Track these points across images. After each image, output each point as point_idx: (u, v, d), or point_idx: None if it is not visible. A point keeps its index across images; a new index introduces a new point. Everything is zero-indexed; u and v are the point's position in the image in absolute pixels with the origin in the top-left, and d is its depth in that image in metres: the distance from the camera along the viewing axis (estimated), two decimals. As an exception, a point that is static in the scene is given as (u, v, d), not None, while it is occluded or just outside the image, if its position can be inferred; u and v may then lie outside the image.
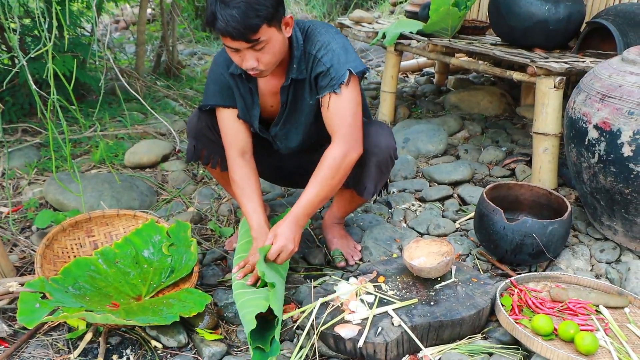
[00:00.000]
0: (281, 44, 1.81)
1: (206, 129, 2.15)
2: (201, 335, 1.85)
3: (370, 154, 2.03)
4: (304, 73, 1.94)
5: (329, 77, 1.87)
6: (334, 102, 1.88)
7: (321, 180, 1.89)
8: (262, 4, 1.67)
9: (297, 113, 2.06)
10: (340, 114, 1.88)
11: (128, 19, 7.86)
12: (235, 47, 1.74)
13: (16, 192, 2.87)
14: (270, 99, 2.05)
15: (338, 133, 1.89)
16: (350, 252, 2.29)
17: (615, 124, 2.03)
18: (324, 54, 1.89)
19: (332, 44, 1.90)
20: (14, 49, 2.27)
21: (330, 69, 1.87)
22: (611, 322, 1.81)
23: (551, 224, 2.08)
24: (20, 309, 1.70)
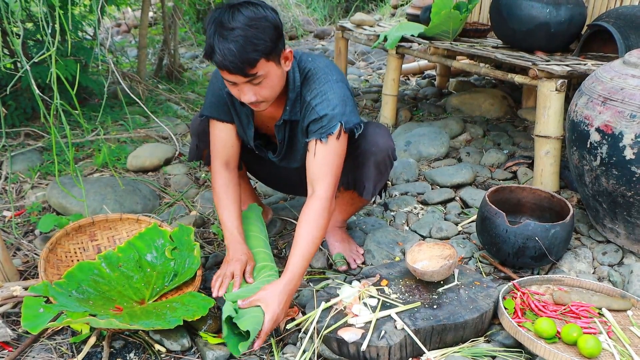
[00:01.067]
0: (280, 78, 1.80)
1: (208, 128, 2.16)
2: (204, 339, 1.86)
3: (369, 154, 2.04)
4: (297, 115, 1.94)
5: (320, 124, 1.86)
6: (320, 150, 1.87)
7: (305, 237, 1.84)
8: (260, 38, 1.65)
9: (294, 150, 2.08)
10: (324, 164, 1.87)
11: (130, 22, 7.88)
12: (233, 81, 1.73)
13: (19, 196, 2.88)
14: (267, 120, 2.06)
15: (319, 186, 1.87)
16: (352, 255, 2.30)
17: (617, 127, 2.04)
18: (318, 103, 1.87)
19: (329, 93, 1.88)
20: (17, 54, 2.28)
21: (323, 117, 1.86)
22: (614, 324, 1.81)
23: (553, 227, 2.08)
24: (24, 314, 1.70)
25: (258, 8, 1.67)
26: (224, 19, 1.64)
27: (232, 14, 1.65)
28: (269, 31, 1.67)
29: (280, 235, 2.55)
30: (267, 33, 1.67)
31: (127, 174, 3.16)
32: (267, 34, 1.67)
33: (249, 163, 2.40)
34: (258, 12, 1.67)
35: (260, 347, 1.85)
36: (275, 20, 1.70)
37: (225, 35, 1.63)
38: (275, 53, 1.72)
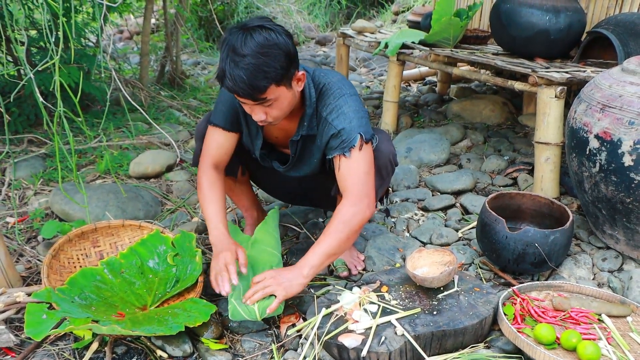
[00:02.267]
0: (291, 100, 1.83)
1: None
2: (206, 344, 1.87)
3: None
4: (314, 129, 1.97)
5: (340, 139, 1.89)
6: (345, 164, 1.89)
7: (329, 235, 1.88)
8: (271, 66, 1.67)
9: (304, 164, 2.11)
10: (350, 175, 1.89)
11: (132, 29, 7.93)
12: (245, 102, 1.77)
13: (22, 202, 2.89)
14: (277, 132, 2.09)
15: (348, 191, 1.90)
16: (353, 261, 2.31)
17: (615, 133, 2.05)
18: (334, 118, 1.90)
19: (344, 107, 1.91)
20: (21, 62, 2.30)
21: (341, 131, 1.88)
22: (613, 331, 1.82)
23: (553, 233, 2.09)
24: (27, 321, 1.71)
25: (271, 34, 1.68)
26: (236, 45, 1.66)
27: (244, 39, 1.66)
28: (280, 58, 1.69)
29: (281, 241, 2.56)
30: (277, 60, 1.68)
31: (129, 180, 3.17)
32: (278, 62, 1.68)
33: (252, 171, 2.41)
34: (270, 38, 1.67)
35: (261, 353, 1.86)
36: (286, 46, 1.71)
37: (237, 62, 1.65)
38: (286, 78, 1.74)
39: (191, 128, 4.05)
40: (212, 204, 2.07)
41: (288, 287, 1.86)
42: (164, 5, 5.05)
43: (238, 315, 1.85)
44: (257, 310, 1.83)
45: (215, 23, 7.10)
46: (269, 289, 1.86)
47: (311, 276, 1.88)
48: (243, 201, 2.51)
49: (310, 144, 2.04)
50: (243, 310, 1.84)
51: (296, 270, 1.88)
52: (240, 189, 2.45)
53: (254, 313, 1.84)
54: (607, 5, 3.39)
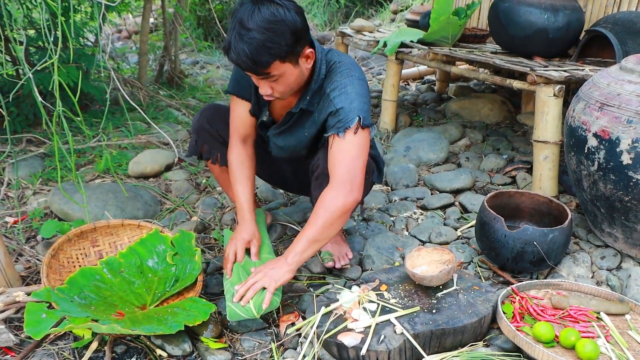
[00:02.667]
0: (297, 76, 1.83)
1: (207, 124, 2.22)
2: (206, 343, 1.87)
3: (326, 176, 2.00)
4: (314, 106, 1.96)
5: (337, 118, 1.86)
6: (337, 144, 1.85)
7: (312, 222, 1.87)
8: (276, 42, 1.66)
9: (292, 136, 2.11)
10: (340, 157, 1.85)
11: (130, 28, 7.92)
12: (253, 76, 1.78)
13: (21, 202, 2.89)
14: (280, 107, 2.11)
15: (334, 176, 1.86)
16: (340, 255, 2.30)
17: (614, 132, 2.05)
18: (336, 95, 1.88)
19: (349, 87, 1.88)
20: (19, 61, 2.30)
21: (339, 110, 1.85)
22: (612, 329, 1.82)
23: (552, 231, 2.10)
24: (27, 320, 1.71)
25: (279, 9, 1.67)
26: (243, 17, 1.66)
27: (252, 12, 1.66)
28: (286, 35, 1.68)
29: (280, 240, 2.56)
30: (283, 37, 1.68)
31: (128, 180, 3.17)
32: (284, 38, 1.68)
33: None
34: (277, 14, 1.67)
35: (261, 352, 1.87)
36: (294, 23, 1.70)
37: (242, 35, 1.66)
38: (291, 55, 1.74)
39: (190, 127, 4.04)
40: (239, 185, 2.14)
41: (276, 276, 1.87)
42: (162, 4, 5.05)
43: (236, 315, 1.85)
44: (253, 308, 1.84)
45: (214, 22, 7.12)
46: (258, 283, 1.87)
47: (296, 263, 1.88)
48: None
49: (305, 119, 2.03)
50: (240, 310, 1.84)
51: (281, 259, 1.90)
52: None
53: (250, 311, 1.84)
54: (605, 3, 3.39)
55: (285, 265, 1.88)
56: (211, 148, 2.27)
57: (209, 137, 2.25)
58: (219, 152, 2.27)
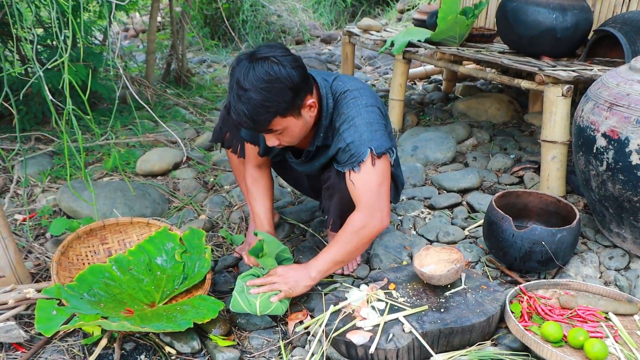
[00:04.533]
0: (301, 127, 1.83)
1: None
2: (214, 341, 1.88)
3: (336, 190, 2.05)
4: (329, 140, 1.95)
5: (348, 154, 1.86)
6: (355, 178, 1.87)
7: (338, 243, 1.93)
8: (273, 100, 1.67)
9: (308, 165, 2.12)
10: (361, 188, 1.87)
11: (137, 26, 7.93)
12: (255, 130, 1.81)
13: (30, 199, 2.91)
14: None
15: (360, 203, 1.88)
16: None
17: (623, 132, 2.05)
18: (345, 129, 1.87)
19: (357, 119, 1.86)
20: (30, 60, 2.31)
21: (349, 145, 1.85)
22: (620, 329, 1.82)
23: (560, 231, 2.10)
24: (37, 317, 1.73)
25: (274, 67, 1.66)
26: (240, 77, 1.67)
27: (247, 72, 1.66)
28: (283, 92, 1.68)
29: (288, 239, 2.57)
30: (280, 95, 1.68)
31: (136, 178, 3.19)
32: (281, 96, 1.68)
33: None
34: (273, 72, 1.66)
35: (269, 350, 1.88)
36: (290, 79, 1.68)
37: (240, 96, 1.67)
38: (291, 109, 1.74)
39: (197, 126, 4.06)
40: (256, 202, 2.22)
41: (294, 286, 1.91)
42: (170, 3, 5.06)
43: (238, 306, 1.89)
44: (257, 305, 1.86)
45: (221, 21, 7.12)
46: (275, 285, 1.90)
47: (317, 280, 1.94)
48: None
49: (321, 152, 2.03)
50: (244, 303, 1.88)
51: (304, 271, 1.92)
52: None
53: (254, 307, 1.87)
54: (614, 3, 3.38)
55: (307, 279, 1.93)
56: (233, 137, 2.27)
57: (233, 127, 2.23)
58: (240, 143, 2.27)
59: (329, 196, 2.10)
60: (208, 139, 3.73)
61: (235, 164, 2.39)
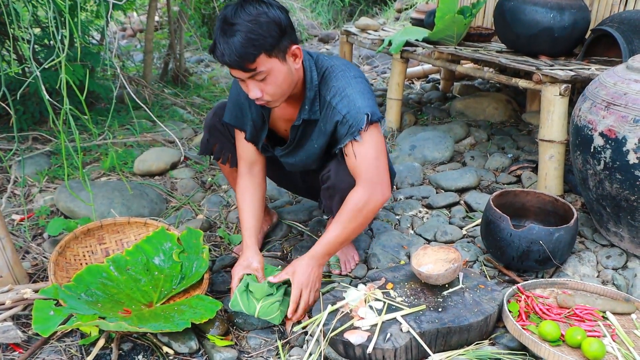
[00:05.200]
0: (286, 75, 1.79)
1: (219, 124, 2.22)
2: (212, 341, 1.88)
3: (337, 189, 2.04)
4: (317, 114, 1.95)
5: (347, 125, 1.86)
6: (357, 149, 1.87)
7: (342, 222, 1.92)
8: (260, 34, 1.66)
9: (301, 150, 2.09)
10: (362, 159, 1.88)
11: (135, 26, 7.92)
12: (237, 76, 1.76)
13: (27, 199, 2.91)
14: (284, 123, 2.10)
15: (361, 177, 1.89)
16: (346, 260, 2.32)
17: (620, 131, 2.05)
18: (338, 101, 1.88)
19: (348, 89, 1.88)
20: (27, 59, 2.31)
21: (346, 116, 1.86)
22: (618, 328, 1.82)
23: (557, 230, 2.10)
24: (35, 317, 1.73)
25: (262, 6, 1.69)
26: (227, 15, 1.68)
27: (235, 10, 1.67)
28: (270, 27, 1.68)
29: (285, 239, 2.57)
30: (268, 30, 1.68)
31: (134, 178, 3.18)
32: (268, 31, 1.68)
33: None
34: (261, 9, 1.68)
35: (267, 350, 1.87)
36: (278, 17, 1.71)
37: (226, 31, 1.66)
38: (277, 49, 1.73)
39: (195, 126, 4.06)
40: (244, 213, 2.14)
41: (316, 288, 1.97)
42: (167, 2, 5.05)
43: (237, 306, 1.91)
44: (257, 309, 1.88)
45: (219, 20, 7.10)
46: (311, 300, 1.95)
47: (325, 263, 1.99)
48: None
49: (310, 129, 2.01)
50: (243, 303, 1.90)
51: (313, 261, 1.94)
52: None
53: (253, 309, 1.89)
54: (611, 2, 3.38)
55: (318, 269, 1.96)
56: (222, 148, 2.27)
57: (221, 136, 2.24)
58: (230, 152, 2.26)
59: (329, 196, 2.09)
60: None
61: (227, 172, 2.38)
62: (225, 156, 2.28)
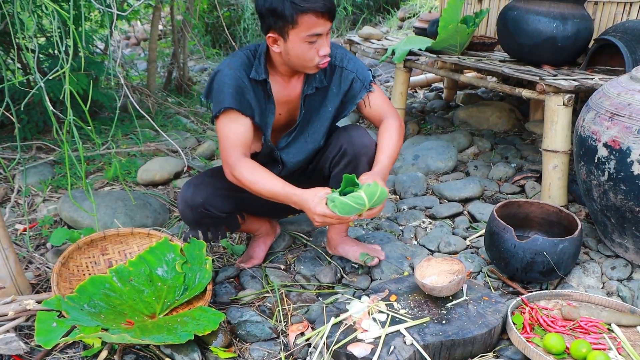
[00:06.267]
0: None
1: (204, 211, 2.09)
2: (215, 353, 1.87)
3: (360, 155, 2.08)
4: (324, 82, 2.09)
5: (359, 81, 2.10)
6: (373, 98, 2.13)
7: (391, 144, 2.05)
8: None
9: (314, 121, 2.15)
10: (382, 102, 2.14)
11: (139, 35, 7.96)
12: (321, 32, 1.85)
13: (31, 209, 2.91)
14: (281, 107, 2.10)
15: (387, 114, 2.13)
16: (374, 252, 2.35)
17: (624, 142, 2.05)
18: (347, 63, 2.11)
19: (348, 54, 2.13)
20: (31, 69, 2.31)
21: (357, 73, 2.10)
22: (624, 341, 1.81)
23: (562, 241, 2.09)
24: (37, 329, 1.72)
25: None
26: None
27: None
28: None
29: (289, 249, 2.56)
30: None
31: (137, 187, 3.18)
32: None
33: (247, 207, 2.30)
34: None
35: (274, 359, 1.87)
36: None
37: None
38: None
39: (198, 135, 4.06)
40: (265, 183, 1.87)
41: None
42: (171, 11, 5.08)
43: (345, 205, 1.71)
44: (365, 197, 1.72)
45: (222, 29, 7.14)
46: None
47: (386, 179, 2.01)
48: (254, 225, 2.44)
49: (321, 97, 2.13)
50: (350, 200, 1.71)
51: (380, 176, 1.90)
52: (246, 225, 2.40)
53: (361, 200, 1.71)
54: (614, 12, 3.39)
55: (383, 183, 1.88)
56: (217, 229, 2.22)
57: (212, 221, 2.16)
58: (225, 223, 2.22)
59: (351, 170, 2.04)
60: (209, 148, 3.73)
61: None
62: (222, 232, 2.24)
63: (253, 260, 2.39)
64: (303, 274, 2.34)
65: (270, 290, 2.22)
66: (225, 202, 2.12)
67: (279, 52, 1.92)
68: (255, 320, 2.00)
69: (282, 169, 2.21)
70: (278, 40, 1.89)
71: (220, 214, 2.12)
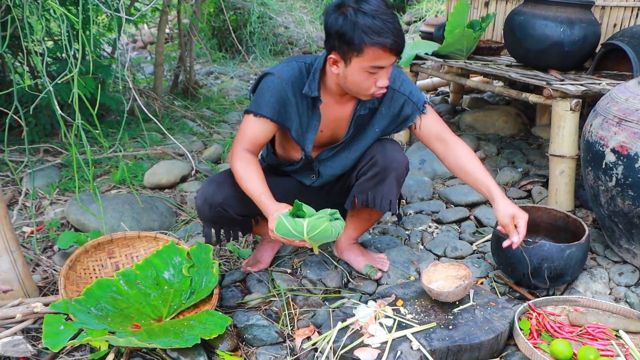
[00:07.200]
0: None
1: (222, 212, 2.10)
2: (221, 357, 1.87)
3: (390, 170, 2.08)
4: (375, 103, 2.06)
5: (411, 103, 2.08)
6: (426, 121, 2.11)
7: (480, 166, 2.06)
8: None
9: (360, 140, 2.13)
10: (436, 124, 2.12)
11: (145, 38, 7.98)
12: (386, 64, 1.82)
13: (38, 212, 2.92)
14: (327, 125, 2.09)
15: (449, 135, 2.12)
16: (378, 263, 2.35)
17: (632, 147, 2.04)
18: (399, 85, 2.07)
19: (401, 75, 2.09)
20: (40, 73, 2.33)
21: (409, 96, 2.07)
22: (632, 347, 1.80)
23: (569, 247, 2.08)
24: (45, 332, 1.73)
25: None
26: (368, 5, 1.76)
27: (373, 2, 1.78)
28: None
29: (295, 253, 2.56)
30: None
31: (143, 190, 3.19)
32: None
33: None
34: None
35: None
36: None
37: (390, 17, 1.78)
38: None
39: (205, 138, 4.07)
40: (249, 182, 1.93)
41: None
42: (178, 15, 5.09)
43: (282, 227, 1.75)
44: (305, 226, 1.73)
45: (228, 32, 7.16)
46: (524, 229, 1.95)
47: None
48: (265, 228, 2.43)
49: (370, 117, 2.10)
50: (290, 224, 1.75)
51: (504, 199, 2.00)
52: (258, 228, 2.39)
53: (301, 227, 1.74)
54: (621, 16, 3.38)
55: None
56: (231, 229, 2.22)
57: (227, 221, 2.16)
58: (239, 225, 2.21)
59: (378, 182, 2.08)
60: (215, 152, 3.74)
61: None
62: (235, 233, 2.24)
63: (260, 264, 2.39)
64: (309, 278, 2.34)
65: (276, 295, 2.22)
66: (243, 206, 2.09)
67: (337, 73, 1.89)
68: (262, 325, 2.00)
69: (316, 179, 2.23)
70: (339, 62, 1.85)
71: (236, 216, 2.12)
